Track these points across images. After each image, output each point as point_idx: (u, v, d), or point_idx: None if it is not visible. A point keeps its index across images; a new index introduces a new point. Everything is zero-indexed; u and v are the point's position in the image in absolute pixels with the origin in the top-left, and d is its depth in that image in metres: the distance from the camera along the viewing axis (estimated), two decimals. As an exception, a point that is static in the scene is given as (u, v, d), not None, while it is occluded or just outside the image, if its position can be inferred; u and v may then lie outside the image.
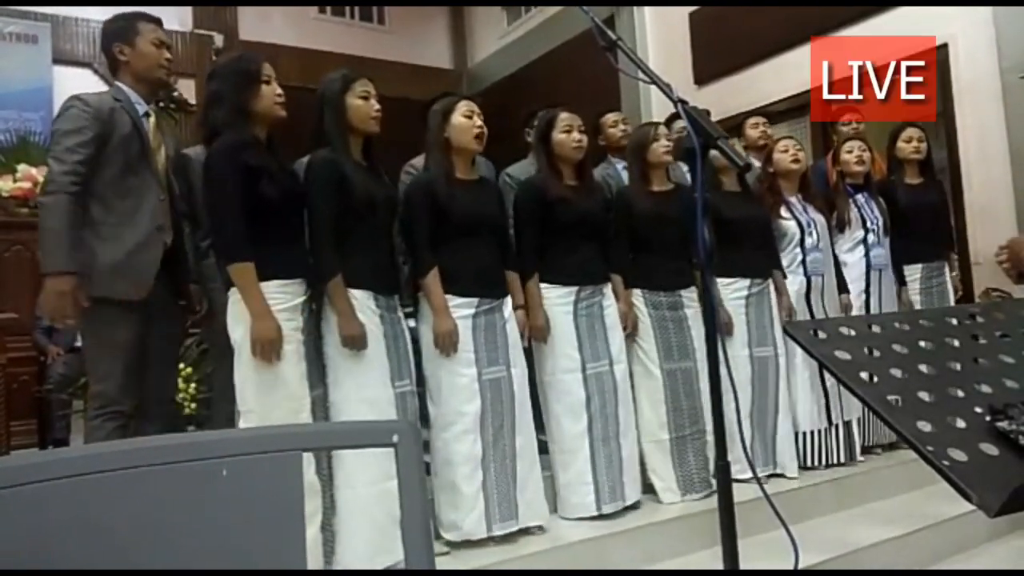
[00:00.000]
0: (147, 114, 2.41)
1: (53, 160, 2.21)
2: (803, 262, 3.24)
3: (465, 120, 2.49)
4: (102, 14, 2.61)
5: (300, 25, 7.45)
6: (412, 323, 2.50)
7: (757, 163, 3.47)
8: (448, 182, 2.48)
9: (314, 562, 2.10)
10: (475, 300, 2.47)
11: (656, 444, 2.84)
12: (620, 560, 2.45)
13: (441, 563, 2.21)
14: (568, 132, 2.74)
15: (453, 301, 2.43)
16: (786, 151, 3.30)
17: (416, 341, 2.47)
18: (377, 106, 2.36)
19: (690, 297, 2.97)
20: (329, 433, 1.23)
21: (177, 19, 6.72)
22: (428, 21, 8.31)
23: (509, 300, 2.59)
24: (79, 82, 6.28)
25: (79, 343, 4.36)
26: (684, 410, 2.87)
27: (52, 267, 2.14)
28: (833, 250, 3.41)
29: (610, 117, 3.63)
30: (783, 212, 3.26)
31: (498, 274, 2.58)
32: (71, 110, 2.25)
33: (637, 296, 2.90)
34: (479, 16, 8.30)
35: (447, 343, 2.39)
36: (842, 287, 3.39)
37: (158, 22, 2.46)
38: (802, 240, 3.24)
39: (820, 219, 3.32)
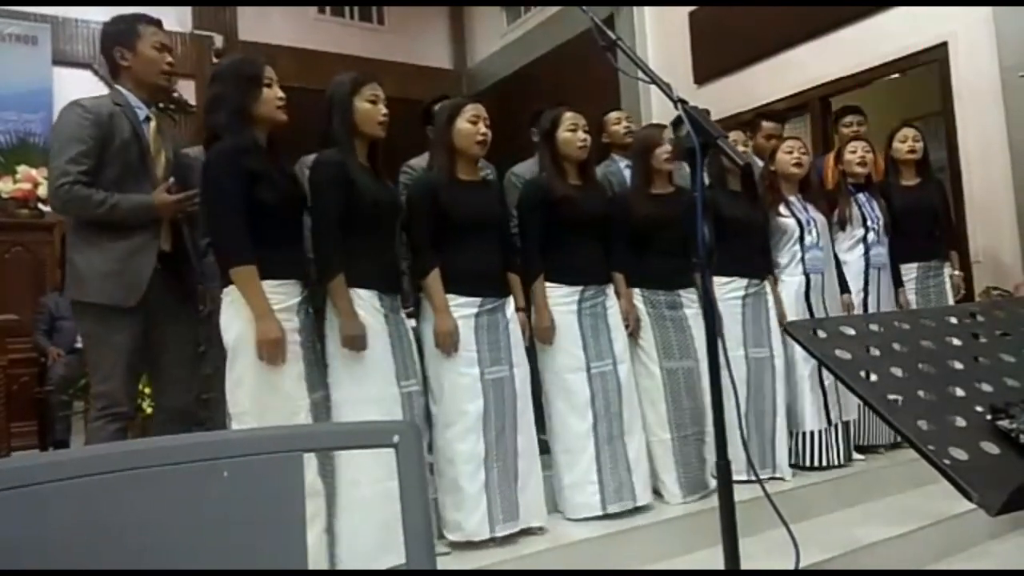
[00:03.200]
0: (148, 119, 2.38)
1: (57, 171, 2.18)
2: (802, 259, 3.23)
3: (470, 126, 2.49)
4: (102, 15, 2.60)
5: (299, 25, 7.44)
6: (413, 323, 2.49)
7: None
8: (450, 183, 2.47)
9: (317, 564, 2.08)
10: (477, 300, 2.47)
11: (658, 443, 2.83)
12: (620, 559, 2.45)
13: (442, 563, 2.21)
14: (573, 131, 2.73)
15: (455, 300, 2.43)
16: (790, 152, 3.28)
17: (419, 341, 2.47)
18: (384, 110, 2.35)
19: (689, 297, 2.96)
20: (330, 434, 1.23)
21: (176, 19, 6.71)
22: (427, 21, 8.30)
23: (511, 300, 2.58)
24: (79, 83, 6.28)
25: (79, 344, 4.37)
26: (686, 410, 2.85)
27: (137, 219, 2.27)
28: (834, 250, 3.41)
29: (613, 115, 3.79)
30: (782, 210, 3.25)
31: (500, 274, 2.58)
32: (71, 117, 2.23)
33: (636, 295, 2.90)
34: (478, 16, 8.30)
35: (448, 342, 2.39)
36: (844, 287, 3.38)
37: (159, 24, 2.42)
38: (801, 238, 3.23)
39: (820, 218, 3.31)
